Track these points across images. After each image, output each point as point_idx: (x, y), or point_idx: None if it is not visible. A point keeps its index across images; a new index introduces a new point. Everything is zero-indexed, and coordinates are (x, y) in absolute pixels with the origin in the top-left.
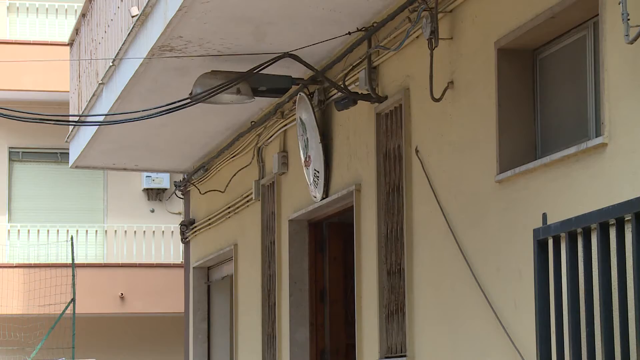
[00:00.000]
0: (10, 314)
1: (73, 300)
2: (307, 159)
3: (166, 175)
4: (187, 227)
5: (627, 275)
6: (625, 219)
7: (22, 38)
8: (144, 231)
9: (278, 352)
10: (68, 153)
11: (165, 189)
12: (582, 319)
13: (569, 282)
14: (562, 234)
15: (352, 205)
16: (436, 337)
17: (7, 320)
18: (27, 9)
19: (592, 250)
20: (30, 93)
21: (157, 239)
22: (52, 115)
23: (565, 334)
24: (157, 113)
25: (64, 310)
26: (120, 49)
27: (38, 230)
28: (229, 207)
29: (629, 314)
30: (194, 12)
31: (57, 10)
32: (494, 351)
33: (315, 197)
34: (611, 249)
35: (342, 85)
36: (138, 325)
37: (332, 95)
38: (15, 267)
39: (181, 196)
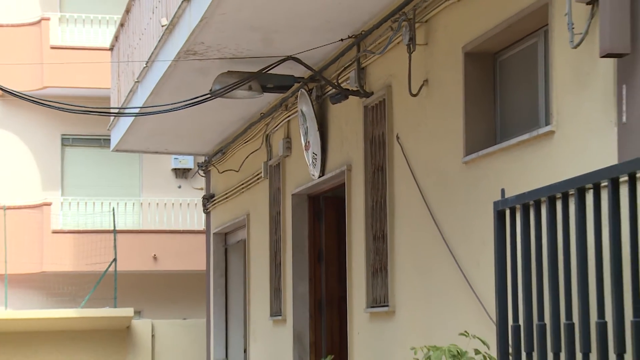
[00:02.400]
0: (64, 271)
1: (114, 260)
2: (307, 144)
3: (191, 157)
4: (208, 200)
5: (571, 239)
6: (570, 193)
7: (71, 44)
8: (172, 203)
9: (283, 302)
10: (109, 139)
11: (190, 169)
12: (533, 277)
13: (522, 245)
14: (517, 206)
15: (344, 182)
16: (412, 291)
17: (61, 276)
18: (75, 20)
19: (542, 219)
20: (78, 90)
21: (183, 210)
22: (97, 108)
23: (519, 288)
24: (183, 106)
25: (107, 268)
26: (152, 53)
27: (85, 203)
28: (242, 184)
29: (572, 272)
30: (213, 23)
31: (100, 21)
32: (460, 302)
33: (313, 176)
34: (557, 219)
35: (335, 83)
36: (168, 280)
37: (328, 92)
38: (67, 232)
39: (203, 175)
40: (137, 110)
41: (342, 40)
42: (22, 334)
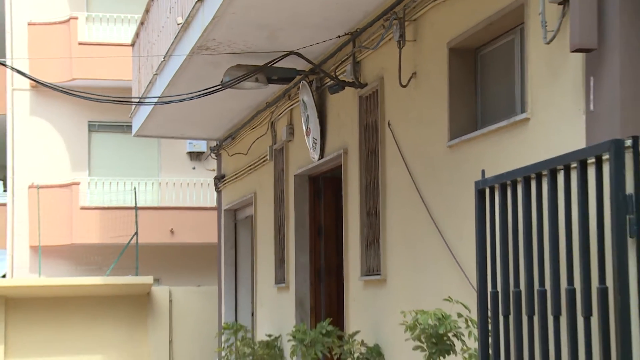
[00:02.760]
0: (91, 243)
1: (136, 233)
2: (308, 130)
3: (204, 142)
4: (219, 180)
5: (543, 215)
6: (543, 173)
7: (97, 40)
8: (187, 183)
9: (286, 271)
10: (131, 125)
11: (203, 152)
12: (510, 248)
13: (500, 220)
14: (496, 185)
15: (341, 164)
16: (402, 261)
17: (88, 248)
18: (101, 19)
19: (518, 197)
20: (103, 81)
21: (197, 188)
22: (120, 98)
23: (497, 258)
24: (197, 96)
25: (129, 241)
26: (169, 48)
27: (110, 182)
28: (250, 166)
29: (544, 244)
30: (224, 21)
31: (122, 19)
32: (445, 271)
33: (313, 158)
34: (532, 196)
35: (333, 75)
36: (183, 251)
37: (326, 83)
38: (94, 209)
39: (214, 157)
40: (155, 100)
41: (339, 37)
42: (54, 299)
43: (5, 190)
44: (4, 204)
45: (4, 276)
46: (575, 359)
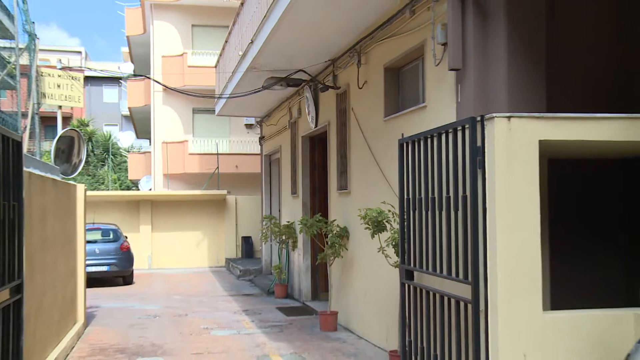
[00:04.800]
0: (194, 172)
1: (217, 168)
2: (309, 112)
3: (253, 118)
4: (261, 139)
5: (434, 156)
6: (434, 135)
7: (198, 64)
8: (245, 140)
9: (297, 188)
10: (214, 110)
11: (253, 124)
12: (416, 176)
13: (411, 161)
14: (409, 141)
15: (326, 130)
16: (359, 182)
17: (193, 175)
18: (200, 53)
19: (421, 148)
20: (200, 86)
21: (250, 143)
22: (209, 95)
23: (410, 181)
24: (249, 94)
25: (214, 172)
26: (234, 68)
27: (204, 140)
28: (278, 131)
29: (434, 172)
30: (262, 54)
31: (210, 53)
32: (382, 188)
33: (312, 127)
34: (428, 148)
35: (322, 82)
36: (243, 177)
37: (319, 86)
38: (196, 154)
39: (258, 126)
40: (227, 96)
41: (326, 61)
42: (176, 201)
43: (150, 144)
44: (150, 152)
45: (150, 189)
46: (449, 232)
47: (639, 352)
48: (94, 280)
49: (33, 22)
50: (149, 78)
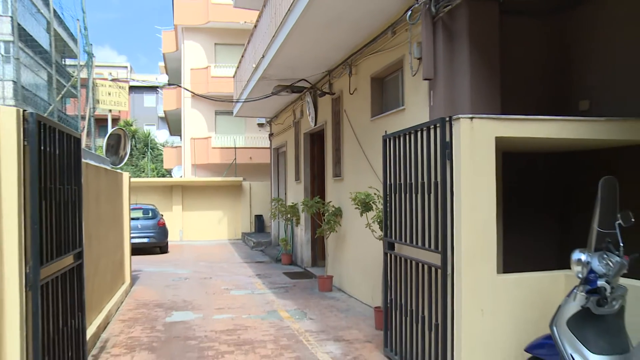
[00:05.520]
0: (215, 162)
1: (235, 159)
2: (309, 113)
3: (264, 118)
4: (271, 135)
5: (410, 150)
6: (411, 132)
7: (219, 75)
8: (257, 136)
9: (300, 174)
10: (232, 111)
11: (264, 123)
12: (397, 166)
13: (393, 153)
14: (391, 137)
15: (324, 128)
16: (350, 170)
17: (215, 164)
18: (221, 65)
19: (400, 143)
20: (222, 93)
21: (261, 139)
22: (228, 100)
23: (391, 169)
24: (260, 99)
25: (232, 162)
26: (249, 78)
27: (224, 137)
28: (284, 129)
29: (411, 162)
30: (271, 66)
31: (230, 65)
32: (369, 175)
33: (312, 126)
34: (406, 143)
35: (321, 89)
36: (256, 166)
37: (318, 93)
38: (217, 148)
39: (268, 124)
40: (243, 100)
41: (323, 72)
42: (201, 187)
43: (181, 140)
44: (180, 146)
45: (181, 177)
46: (423, 211)
47: (567, 303)
48: (136, 250)
49: (91, 44)
50: (180, 87)
